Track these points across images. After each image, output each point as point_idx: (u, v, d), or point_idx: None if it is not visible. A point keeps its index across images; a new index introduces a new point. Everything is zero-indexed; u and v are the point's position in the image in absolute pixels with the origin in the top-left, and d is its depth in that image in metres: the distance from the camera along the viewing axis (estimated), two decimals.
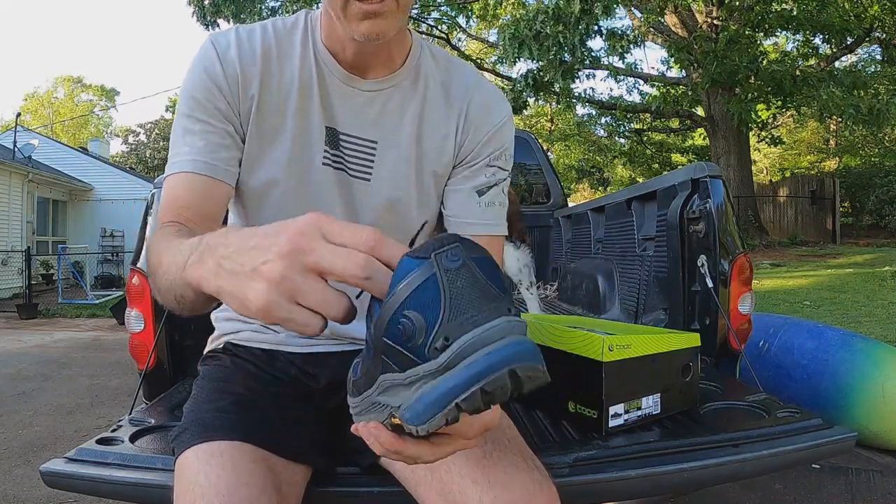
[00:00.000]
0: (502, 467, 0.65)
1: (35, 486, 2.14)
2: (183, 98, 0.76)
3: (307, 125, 0.78)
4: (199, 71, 0.74)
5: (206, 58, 0.75)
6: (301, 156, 0.79)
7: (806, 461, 1.00)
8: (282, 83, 0.77)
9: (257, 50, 0.76)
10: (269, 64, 0.76)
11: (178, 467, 0.70)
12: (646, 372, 1.05)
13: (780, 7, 11.07)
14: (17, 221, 10.75)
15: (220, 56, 0.74)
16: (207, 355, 0.94)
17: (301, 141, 0.78)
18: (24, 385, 3.86)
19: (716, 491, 1.90)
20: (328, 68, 0.78)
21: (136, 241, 1.53)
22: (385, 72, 0.79)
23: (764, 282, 6.98)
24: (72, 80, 32.28)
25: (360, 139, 0.80)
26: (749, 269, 1.50)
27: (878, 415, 2.11)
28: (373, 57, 0.77)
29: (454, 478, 0.66)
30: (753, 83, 10.89)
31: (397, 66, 0.80)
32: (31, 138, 12.15)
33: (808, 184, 14.53)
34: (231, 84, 0.75)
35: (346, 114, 0.79)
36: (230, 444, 0.69)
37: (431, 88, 0.82)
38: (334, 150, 0.79)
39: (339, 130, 0.79)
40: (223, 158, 0.75)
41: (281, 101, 0.77)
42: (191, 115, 0.74)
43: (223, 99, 0.75)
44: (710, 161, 6.46)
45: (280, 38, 0.78)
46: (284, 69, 0.77)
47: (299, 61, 0.77)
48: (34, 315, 7.78)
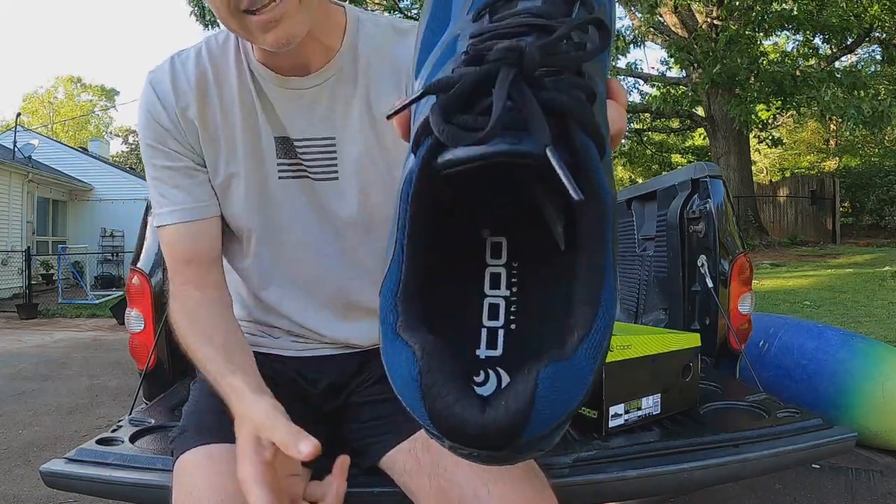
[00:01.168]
0: (502, 478, 0.64)
1: (35, 486, 2.14)
2: (142, 146, 0.77)
3: (256, 143, 0.76)
4: (145, 117, 0.75)
5: (148, 101, 0.75)
6: (256, 176, 0.77)
7: (806, 461, 1.00)
8: (223, 107, 0.75)
9: (192, 78, 0.75)
10: (207, 90, 0.75)
11: (177, 470, 0.69)
12: (646, 372, 1.05)
13: (780, 7, 11.07)
14: (17, 221, 10.75)
15: (159, 96, 0.75)
16: None
17: (253, 161, 0.76)
18: (24, 385, 3.86)
19: (716, 491, 1.90)
20: (264, 79, 0.75)
21: (136, 241, 1.53)
22: (322, 63, 0.74)
23: (764, 282, 6.98)
24: (72, 80, 32.30)
25: (316, 140, 0.76)
26: (749, 269, 1.50)
27: (878, 415, 2.11)
28: (301, 54, 0.72)
29: (453, 486, 0.65)
30: (754, 83, 10.89)
31: (334, 53, 0.75)
32: (31, 138, 12.16)
33: (808, 184, 14.54)
34: (174, 121, 0.75)
35: (294, 119, 0.76)
36: (228, 448, 0.68)
37: (375, 64, 0.76)
38: (291, 160, 0.77)
39: (291, 138, 0.76)
40: (199, 195, 0.77)
41: (226, 126, 0.76)
42: (153, 162, 0.76)
43: (173, 139, 0.75)
44: (710, 161, 6.46)
45: (215, 61, 0.76)
46: (224, 92, 0.75)
47: (236, 80, 0.75)
48: (34, 315, 7.78)
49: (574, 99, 0.27)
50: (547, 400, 0.26)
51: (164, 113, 0.74)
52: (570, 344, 0.26)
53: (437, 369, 0.27)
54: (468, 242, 0.34)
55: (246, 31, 0.65)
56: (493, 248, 0.34)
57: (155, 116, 0.75)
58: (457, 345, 0.31)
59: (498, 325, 0.33)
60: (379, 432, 0.78)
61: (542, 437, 0.27)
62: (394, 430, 0.76)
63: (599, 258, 0.28)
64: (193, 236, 0.76)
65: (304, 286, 0.82)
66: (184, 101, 0.74)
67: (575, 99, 0.27)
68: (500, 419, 0.25)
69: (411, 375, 0.27)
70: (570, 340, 0.27)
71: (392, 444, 0.76)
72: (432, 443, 0.69)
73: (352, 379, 0.86)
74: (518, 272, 0.34)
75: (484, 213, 0.34)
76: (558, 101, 0.27)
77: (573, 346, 0.26)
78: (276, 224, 0.79)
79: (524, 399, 0.25)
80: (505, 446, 0.26)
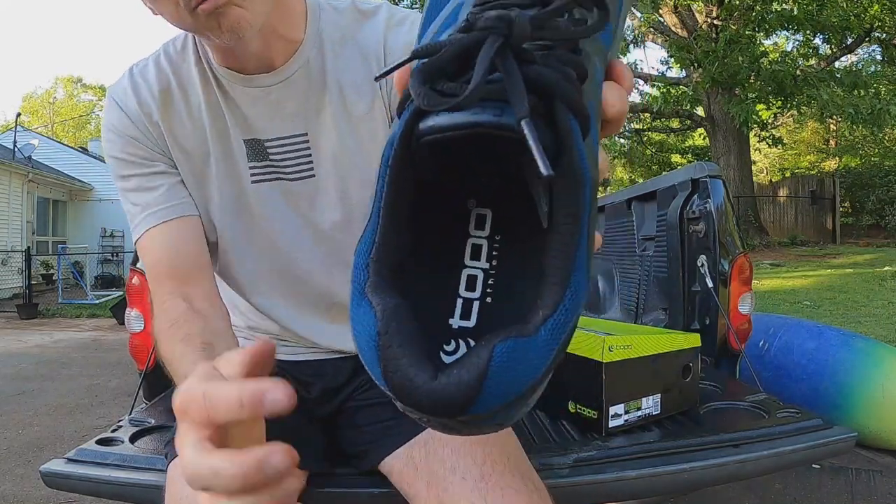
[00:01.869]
0: (500, 490, 0.63)
1: (35, 486, 2.14)
2: (109, 162, 0.73)
3: (227, 147, 0.73)
4: (110, 131, 0.72)
5: (112, 115, 0.72)
6: (229, 182, 0.74)
7: (806, 461, 1.00)
8: (190, 112, 0.72)
9: (154, 88, 0.72)
10: (171, 97, 0.72)
11: (168, 476, 0.68)
12: (646, 372, 1.05)
13: (780, 7, 11.07)
14: (17, 221, 10.75)
15: (123, 108, 0.72)
16: None
17: (224, 166, 0.73)
18: (24, 385, 3.86)
19: (716, 491, 1.90)
20: (228, 81, 0.71)
21: None
22: (287, 55, 0.70)
23: (764, 282, 6.98)
24: (72, 80, 32.30)
25: (288, 138, 0.73)
26: (749, 269, 1.50)
27: (878, 415, 2.11)
28: (267, 48, 0.68)
29: (451, 498, 0.64)
30: (754, 83, 10.89)
31: (298, 45, 0.71)
32: (31, 138, 12.16)
33: (808, 184, 14.54)
34: (141, 129, 0.72)
35: (262, 119, 0.72)
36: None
37: (341, 52, 0.72)
38: (262, 162, 0.73)
39: (261, 139, 0.73)
40: (174, 195, 0.72)
41: (195, 132, 0.73)
42: (123, 174, 0.72)
43: (142, 146, 0.72)
44: (710, 161, 6.46)
45: (176, 68, 0.73)
46: (189, 98, 0.72)
47: (200, 85, 0.72)
48: (34, 315, 7.78)
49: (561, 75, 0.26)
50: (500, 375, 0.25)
51: (129, 123, 0.71)
52: (534, 322, 0.26)
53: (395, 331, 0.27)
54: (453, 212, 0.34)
55: (197, 26, 0.60)
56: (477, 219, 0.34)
57: (120, 129, 0.71)
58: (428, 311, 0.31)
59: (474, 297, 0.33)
60: (375, 437, 0.78)
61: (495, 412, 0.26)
62: (390, 435, 0.76)
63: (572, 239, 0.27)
64: (172, 238, 0.70)
65: (289, 289, 0.81)
66: (147, 109, 0.72)
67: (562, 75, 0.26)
68: (449, 387, 0.25)
69: (370, 335, 0.27)
70: (535, 319, 0.26)
71: (389, 449, 0.75)
72: (430, 449, 0.69)
73: (346, 383, 0.85)
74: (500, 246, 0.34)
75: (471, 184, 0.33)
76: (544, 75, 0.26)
77: (536, 324, 0.26)
78: (255, 229, 0.76)
79: (476, 371, 0.25)
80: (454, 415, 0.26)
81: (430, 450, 0.70)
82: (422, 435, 0.72)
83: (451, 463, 0.66)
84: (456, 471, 0.66)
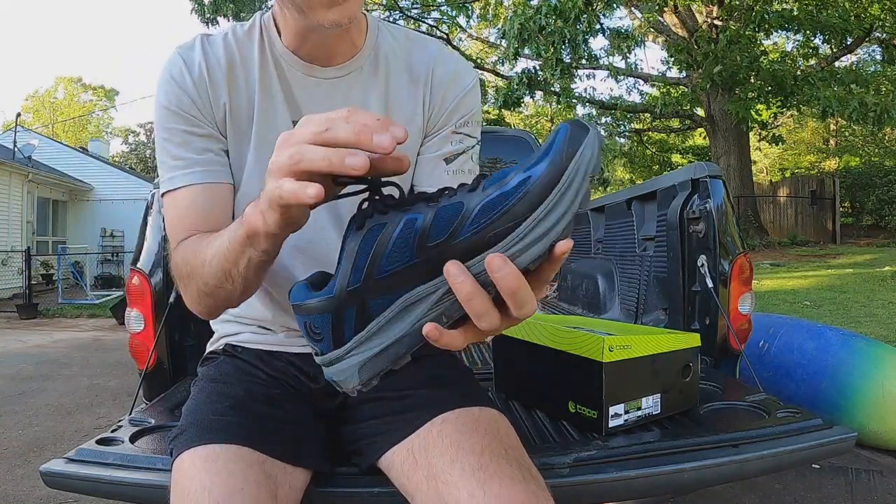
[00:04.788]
0: (498, 479, 0.64)
1: (35, 486, 2.14)
2: (158, 112, 0.77)
3: (273, 125, 0.78)
4: (168, 83, 0.76)
5: (174, 68, 0.76)
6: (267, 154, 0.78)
7: (806, 461, 1.00)
8: (247, 89, 0.79)
9: (222, 59, 0.78)
10: (235, 72, 0.78)
11: (175, 470, 0.69)
12: (646, 372, 1.05)
13: (780, 7, 11.07)
14: (17, 221, 10.75)
15: (188, 66, 0.76)
16: (206, 357, 0.94)
17: (263, 144, 0.78)
18: (24, 385, 3.86)
19: (716, 491, 1.90)
20: (287, 64, 0.79)
21: (136, 241, 1.53)
22: (346, 57, 0.79)
23: (764, 282, 6.98)
24: (72, 80, 32.30)
25: None
26: (749, 269, 1.50)
27: (878, 415, 2.12)
28: (335, 44, 0.78)
29: (451, 489, 0.65)
30: (754, 83, 10.89)
31: (358, 50, 0.80)
32: (31, 138, 12.17)
33: (808, 184, 14.54)
34: (201, 92, 0.76)
35: (311, 105, 0.79)
36: (226, 448, 0.69)
37: (394, 68, 0.82)
38: None
39: None
40: (214, 160, 0.77)
41: (249, 107, 0.79)
42: (168, 126, 0.76)
43: (195, 107, 0.76)
44: (710, 161, 6.46)
45: (241, 45, 0.79)
46: (248, 75, 0.79)
47: (259, 63, 0.78)
48: (34, 315, 7.78)
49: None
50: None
51: (190, 81, 0.76)
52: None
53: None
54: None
55: (308, 5, 0.67)
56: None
57: (180, 83, 0.75)
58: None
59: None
60: (377, 431, 0.79)
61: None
62: (392, 429, 0.77)
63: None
64: (207, 200, 0.75)
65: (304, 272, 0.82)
66: (212, 75, 0.77)
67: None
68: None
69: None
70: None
71: (390, 443, 0.76)
72: (429, 444, 0.71)
73: None
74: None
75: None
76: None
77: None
78: None
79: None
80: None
81: (429, 443, 0.71)
82: (421, 429, 0.73)
83: (450, 455, 0.68)
84: (455, 462, 0.67)
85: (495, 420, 0.75)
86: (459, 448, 0.68)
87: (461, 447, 0.68)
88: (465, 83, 0.85)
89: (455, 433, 0.70)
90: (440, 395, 0.78)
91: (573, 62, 9.05)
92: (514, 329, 1.19)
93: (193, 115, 0.76)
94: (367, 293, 0.46)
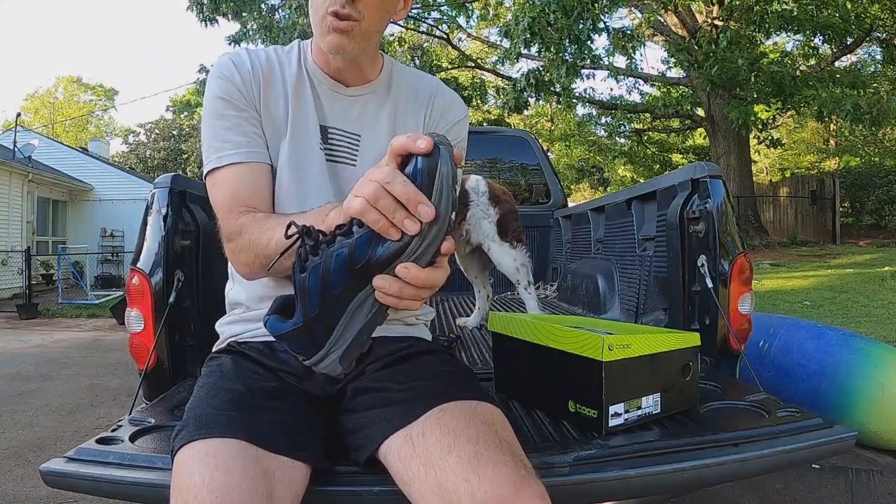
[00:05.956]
0: (491, 465, 0.69)
1: (35, 486, 2.14)
2: (208, 102, 0.91)
3: (304, 122, 0.94)
4: (218, 78, 0.91)
5: (225, 67, 0.91)
6: (299, 146, 0.93)
7: (806, 461, 1.00)
8: (284, 92, 0.94)
9: (263, 63, 0.94)
10: (273, 73, 0.94)
11: (175, 464, 0.71)
12: (646, 371, 1.05)
13: (780, 7, 11.06)
14: (17, 221, 10.75)
15: (237, 64, 0.92)
16: (210, 357, 0.97)
17: (300, 133, 0.93)
18: (24, 385, 3.86)
19: (716, 491, 1.90)
20: (317, 78, 0.96)
21: (136, 241, 1.53)
22: (361, 83, 0.97)
23: (764, 282, 6.98)
24: (72, 80, 32.29)
25: (346, 132, 0.96)
26: (749, 269, 1.50)
27: (878, 415, 2.12)
28: (348, 71, 0.95)
29: (448, 475, 0.69)
30: (754, 84, 10.88)
31: (372, 80, 0.98)
32: (31, 138, 12.16)
33: (808, 184, 14.54)
34: (247, 85, 0.91)
35: (333, 112, 0.96)
36: (225, 443, 0.70)
37: (402, 93, 1.01)
38: (325, 144, 0.95)
39: (328, 126, 0.95)
40: (259, 143, 0.91)
41: (285, 106, 0.93)
42: (219, 112, 0.89)
43: (242, 97, 0.90)
44: (710, 161, 6.46)
45: (280, 57, 0.97)
46: (286, 80, 0.95)
47: (296, 72, 0.95)
48: (34, 315, 7.78)
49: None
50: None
51: (238, 77, 0.91)
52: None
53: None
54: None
55: (321, 24, 0.85)
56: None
57: (230, 77, 0.90)
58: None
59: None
60: (378, 418, 0.81)
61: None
62: (390, 418, 0.79)
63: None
64: (253, 177, 0.89)
65: None
66: (256, 74, 0.92)
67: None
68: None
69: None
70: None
71: (388, 432, 0.78)
72: (427, 431, 0.76)
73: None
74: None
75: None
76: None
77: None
78: (303, 189, 0.91)
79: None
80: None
81: (427, 430, 0.75)
82: (420, 418, 0.76)
83: (447, 442, 0.72)
84: (452, 450, 0.71)
85: (492, 413, 0.79)
86: (457, 437, 0.72)
87: (458, 436, 0.72)
88: (458, 114, 1.04)
89: (453, 421, 0.74)
90: (440, 388, 0.82)
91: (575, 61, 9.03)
92: (514, 329, 1.20)
93: (240, 103, 0.90)
94: (327, 312, 0.63)
